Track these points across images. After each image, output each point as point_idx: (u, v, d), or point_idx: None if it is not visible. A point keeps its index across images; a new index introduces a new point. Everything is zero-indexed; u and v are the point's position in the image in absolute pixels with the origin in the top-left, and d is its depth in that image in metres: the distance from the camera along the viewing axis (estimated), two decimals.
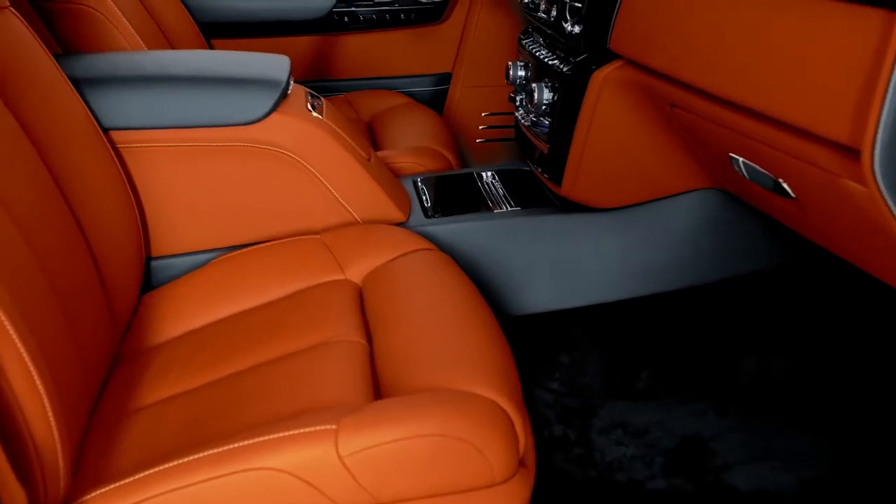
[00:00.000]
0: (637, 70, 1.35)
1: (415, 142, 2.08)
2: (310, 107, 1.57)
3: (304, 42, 2.61)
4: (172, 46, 2.23)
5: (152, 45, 2.05)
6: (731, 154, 1.20)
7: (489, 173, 1.88)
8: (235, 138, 1.47)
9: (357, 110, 2.45)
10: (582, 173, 1.54)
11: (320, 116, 1.56)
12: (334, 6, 2.52)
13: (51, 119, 1.27)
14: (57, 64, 1.34)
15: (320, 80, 2.67)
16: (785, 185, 1.09)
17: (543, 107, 1.58)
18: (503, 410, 1.01)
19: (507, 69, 1.77)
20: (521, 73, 1.75)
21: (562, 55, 1.56)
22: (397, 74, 2.71)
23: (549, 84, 1.57)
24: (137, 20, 2.04)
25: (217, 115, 1.46)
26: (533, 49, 1.70)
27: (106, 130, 1.43)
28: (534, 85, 1.57)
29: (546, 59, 1.59)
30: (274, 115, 1.48)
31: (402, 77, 2.71)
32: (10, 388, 0.89)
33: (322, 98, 1.68)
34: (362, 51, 2.66)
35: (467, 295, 1.30)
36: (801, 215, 1.14)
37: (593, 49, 1.44)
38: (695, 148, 1.41)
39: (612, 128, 1.47)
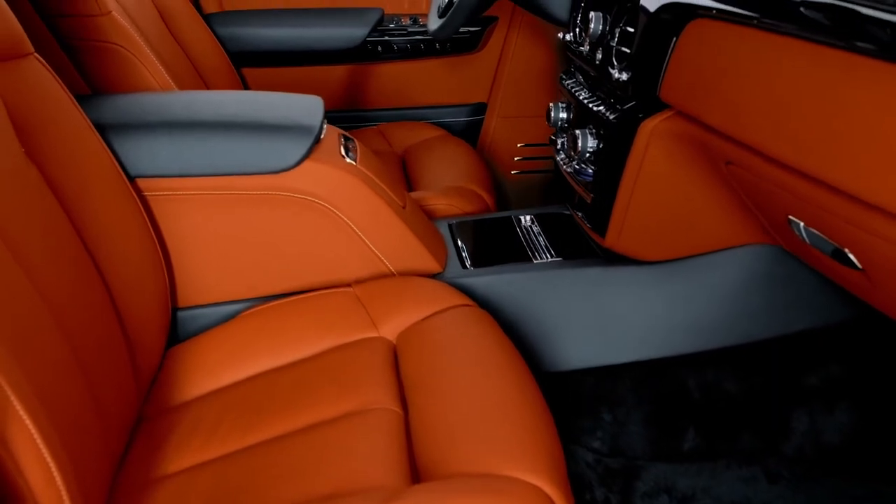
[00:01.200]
0: (689, 122, 1.30)
1: (450, 180, 2.03)
2: (343, 151, 1.53)
3: (337, 71, 2.58)
4: (202, 77, 2.21)
5: (182, 78, 2.02)
6: (790, 217, 1.15)
7: (528, 217, 1.83)
8: (266, 186, 1.43)
9: (390, 142, 2.40)
10: (627, 225, 1.48)
11: (354, 163, 1.51)
12: (368, 35, 2.48)
13: (75, 168, 1.24)
14: (82, 110, 1.30)
15: (352, 110, 2.64)
16: (851, 256, 1.03)
17: (587, 154, 1.53)
18: (548, 497, 0.96)
19: (549, 111, 1.72)
20: (563, 115, 1.70)
21: (607, 100, 1.50)
22: (431, 104, 2.66)
23: (594, 131, 1.52)
24: (167, 52, 2.02)
25: (248, 162, 1.42)
26: (575, 91, 1.65)
27: (132, 178, 1.40)
28: (577, 132, 1.52)
29: (590, 104, 1.54)
30: (306, 163, 1.44)
31: (437, 107, 2.66)
32: (18, 470, 0.84)
33: (355, 140, 1.64)
34: (396, 80, 2.62)
35: (507, 359, 1.25)
36: (868, 286, 1.08)
37: (642, 97, 1.39)
38: (749, 204, 1.35)
39: (660, 179, 1.42)
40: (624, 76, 1.38)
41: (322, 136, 1.51)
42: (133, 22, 1.91)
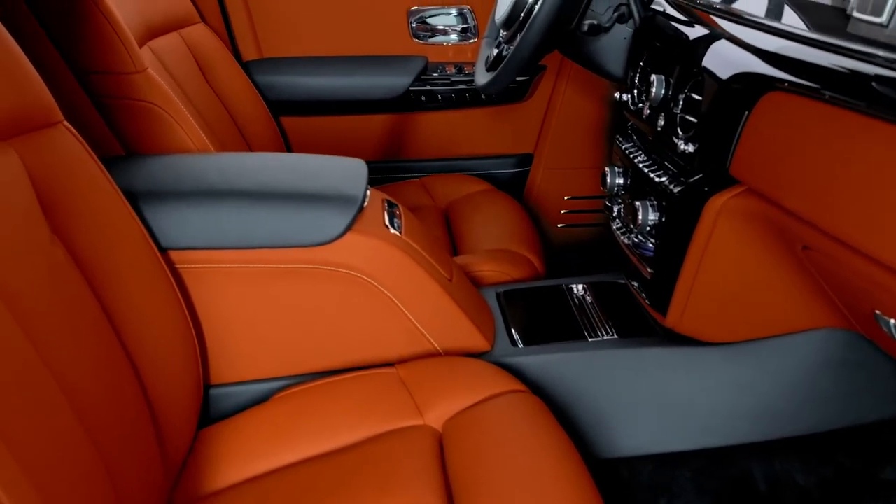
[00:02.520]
0: (762, 201, 1.21)
1: (496, 241, 1.96)
2: (387, 220, 1.46)
3: (378, 121, 2.51)
4: (240, 128, 2.16)
5: (219, 132, 1.97)
6: (877, 312, 1.06)
7: (580, 286, 1.74)
8: (305, 260, 1.36)
9: (433, 196, 2.34)
10: (691, 304, 1.40)
11: (399, 233, 1.44)
12: (411, 85, 2.42)
13: (103, 242, 1.18)
14: (112, 180, 1.24)
15: (394, 161, 2.57)
16: None
17: (648, 228, 1.44)
18: None
19: (604, 175, 1.64)
20: (620, 180, 1.62)
21: (670, 170, 1.42)
22: (476, 155, 2.60)
23: (655, 203, 1.43)
24: (204, 103, 1.97)
25: (286, 235, 1.35)
26: (634, 157, 1.56)
27: (164, 250, 1.34)
28: (637, 203, 1.44)
29: (650, 173, 1.46)
30: (349, 235, 1.37)
31: (481, 158, 2.59)
32: None
33: (400, 205, 1.57)
34: (439, 130, 2.55)
35: (561, 452, 1.17)
36: None
37: (709, 170, 1.30)
38: (828, 290, 1.26)
39: (729, 258, 1.33)
40: (690, 147, 1.30)
41: (365, 204, 1.44)
42: (170, 73, 1.87)
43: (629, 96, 1.62)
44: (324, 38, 2.46)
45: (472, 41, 2.49)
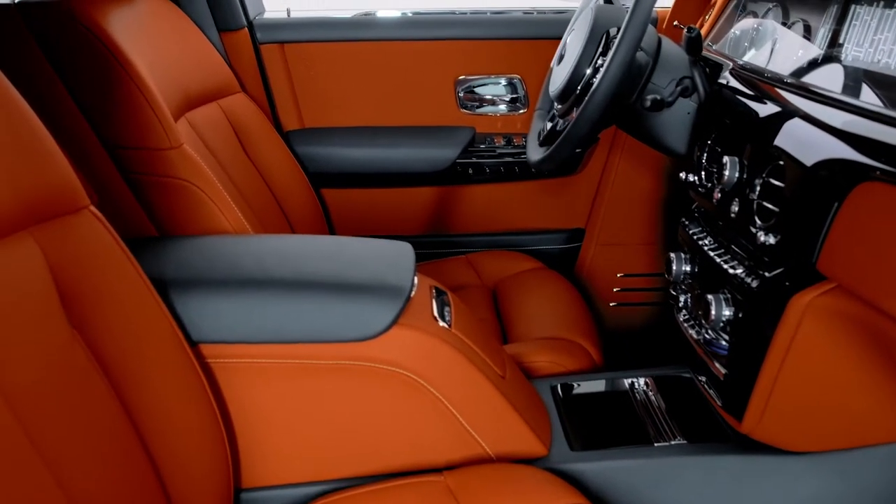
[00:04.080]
0: (855, 300, 1.10)
1: (549, 328, 1.85)
2: (436, 311, 1.36)
3: (423, 194, 2.43)
4: (278, 200, 2.08)
5: (257, 207, 1.89)
6: None
7: (642, 381, 1.63)
8: (347, 356, 1.27)
9: (480, 274, 2.24)
10: (771, 409, 1.28)
11: (448, 326, 1.34)
12: (458, 157, 2.34)
13: (127, 336, 1.11)
14: (140, 269, 1.16)
15: (439, 235, 2.48)
16: None
17: (721, 324, 1.33)
18: None
19: (669, 262, 1.53)
20: (686, 268, 1.51)
21: (746, 261, 1.31)
22: (524, 229, 2.50)
23: (729, 297, 1.32)
24: (241, 177, 1.90)
25: (327, 329, 1.25)
26: (703, 243, 1.46)
27: (195, 343, 1.26)
28: (710, 297, 1.33)
29: (723, 263, 1.35)
30: (394, 329, 1.27)
31: (530, 233, 2.50)
32: None
33: (449, 292, 1.47)
34: (486, 204, 2.46)
35: None
36: None
37: (793, 265, 1.19)
38: None
39: (815, 361, 1.21)
40: (771, 239, 1.19)
41: (412, 294, 1.34)
42: (207, 146, 1.80)
43: (696, 177, 1.52)
44: (367, 107, 2.39)
45: (521, 112, 2.41)
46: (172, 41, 1.87)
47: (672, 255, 1.54)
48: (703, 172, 1.50)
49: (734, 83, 1.54)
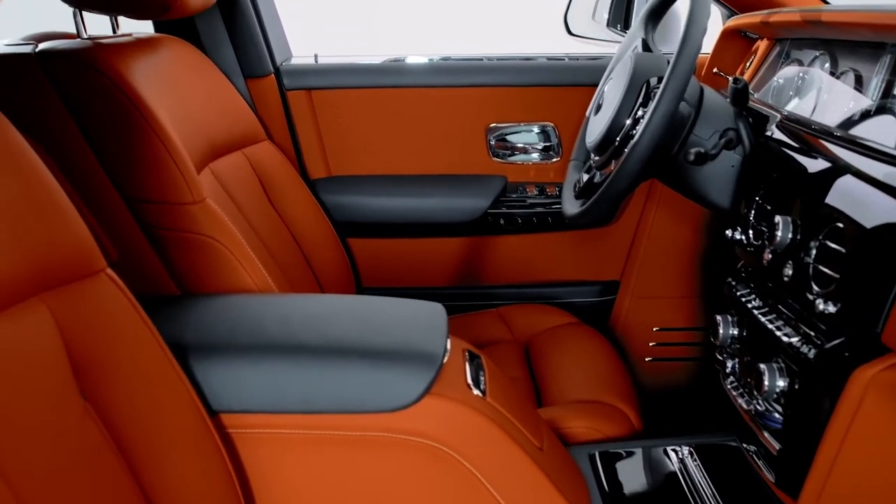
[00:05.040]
0: None
1: (585, 390, 1.78)
2: (470, 378, 1.29)
3: (452, 244, 2.37)
4: (304, 253, 2.04)
5: (282, 261, 1.84)
6: None
7: (685, 450, 1.55)
8: (376, 427, 1.20)
9: (512, 329, 2.17)
10: (830, 490, 1.19)
11: (483, 395, 1.27)
12: (490, 207, 2.28)
13: (143, 406, 1.06)
14: (158, 335, 1.10)
15: (469, 287, 2.42)
16: None
17: (774, 396, 1.25)
18: None
19: (716, 325, 1.46)
20: (734, 331, 1.44)
21: (801, 328, 1.24)
22: (557, 281, 2.43)
23: (782, 366, 1.25)
24: (266, 229, 1.85)
25: (355, 399, 1.19)
26: (752, 306, 1.38)
27: (215, 413, 1.19)
28: (762, 366, 1.25)
29: (776, 330, 1.27)
30: (426, 399, 1.21)
31: (563, 285, 2.43)
32: None
33: (483, 356, 1.40)
34: (518, 255, 2.40)
35: None
36: None
37: (855, 335, 1.12)
38: None
39: (880, 440, 1.13)
40: (830, 308, 1.12)
41: (445, 359, 1.27)
42: (231, 196, 1.75)
43: (744, 235, 1.45)
44: (396, 155, 2.35)
45: (555, 160, 2.35)
46: (197, 89, 1.83)
47: (719, 317, 1.46)
48: (751, 231, 1.43)
49: (780, 135, 1.48)
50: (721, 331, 1.45)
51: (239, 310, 1.35)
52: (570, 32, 2.56)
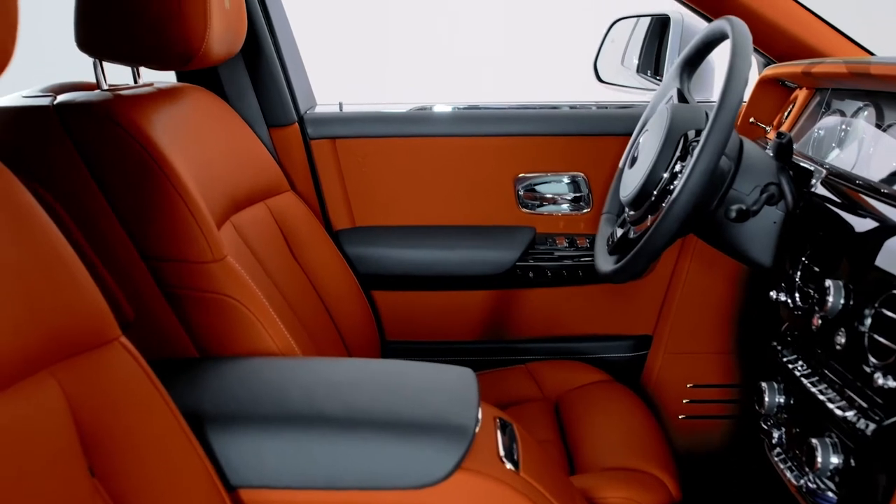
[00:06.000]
0: None
1: (621, 456, 1.71)
2: (502, 450, 1.23)
3: (479, 297, 2.32)
4: (326, 307, 1.98)
5: (302, 311, 1.80)
6: None
7: None
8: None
9: (541, 386, 2.10)
10: None
11: (516, 469, 1.21)
12: (518, 259, 2.22)
13: (156, 482, 1.01)
14: (173, 406, 1.05)
15: (497, 341, 2.36)
16: None
17: (828, 473, 1.18)
18: None
19: (762, 392, 1.39)
20: (780, 399, 1.37)
21: (856, 401, 1.17)
22: (587, 335, 2.36)
23: (837, 442, 1.17)
24: (288, 281, 1.81)
25: (382, 475, 1.13)
26: (801, 374, 1.32)
27: (233, 489, 1.14)
28: (815, 442, 1.18)
29: (828, 402, 1.20)
30: (457, 475, 1.14)
31: (593, 339, 2.36)
32: None
33: (515, 424, 1.34)
34: (547, 308, 2.33)
35: None
36: None
37: None
38: None
39: None
40: (890, 382, 1.05)
41: (476, 430, 1.21)
42: (252, 249, 1.71)
43: (789, 297, 1.38)
44: (422, 205, 2.30)
45: (585, 211, 2.30)
46: (219, 140, 1.79)
47: (764, 384, 1.40)
48: (797, 294, 1.37)
49: (822, 190, 1.42)
50: (767, 399, 1.38)
51: (260, 376, 1.30)
52: (599, 80, 2.52)
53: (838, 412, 1.17)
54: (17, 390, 0.88)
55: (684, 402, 2.35)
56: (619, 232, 1.71)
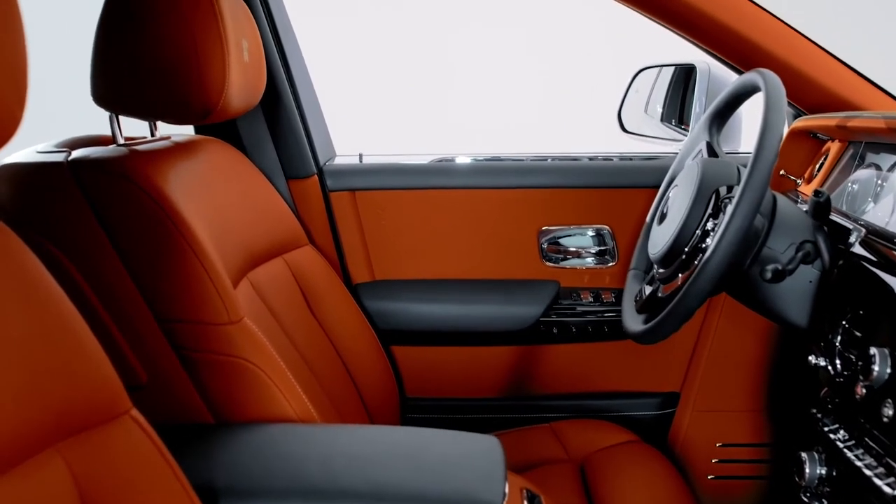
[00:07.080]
0: None
1: None
2: None
3: (502, 353, 2.26)
4: (345, 364, 1.94)
5: (320, 370, 1.75)
6: None
7: None
8: None
9: (566, 447, 2.04)
10: None
11: None
12: (542, 315, 2.17)
13: None
14: (184, 480, 1.00)
15: (519, 398, 2.30)
16: None
17: None
18: None
19: (802, 462, 1.33)
20: (822, 471, 1.31)
21: None
22: (612, 391, 2.30)
23: None
24: (305, 337, 1.78)
25: None
26: (844, 445, 1.26)
27: None
28: None
29: (875, 478, 1.14)
30: None
31: (619, 396, 2.30)
32: None
33: (542, 496, 1.28)
34: (572, 365, 2.28)
35: None
36: None
37: None
38: None
39: None
40: None
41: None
42: (268, 306, 1.67)
43: (829, 363, 1.32)
44: (443, 259, 2.25)
45: (610, 265, 2.25)
46: (237, 194, 1.76)
47: (804, 454, 1.34)
48: (838, 359, 1.31)
49: (860, 249, 1.37)
50: (808, 470, 1.32)
51: (276, 446, 1.25)
52: (624, 129, 2.48)
53: (888, 490, 1.11)
54: (21, 471, 0.83)
55: (713, 461, 2.28)
56: (648, 290, 1.67)
